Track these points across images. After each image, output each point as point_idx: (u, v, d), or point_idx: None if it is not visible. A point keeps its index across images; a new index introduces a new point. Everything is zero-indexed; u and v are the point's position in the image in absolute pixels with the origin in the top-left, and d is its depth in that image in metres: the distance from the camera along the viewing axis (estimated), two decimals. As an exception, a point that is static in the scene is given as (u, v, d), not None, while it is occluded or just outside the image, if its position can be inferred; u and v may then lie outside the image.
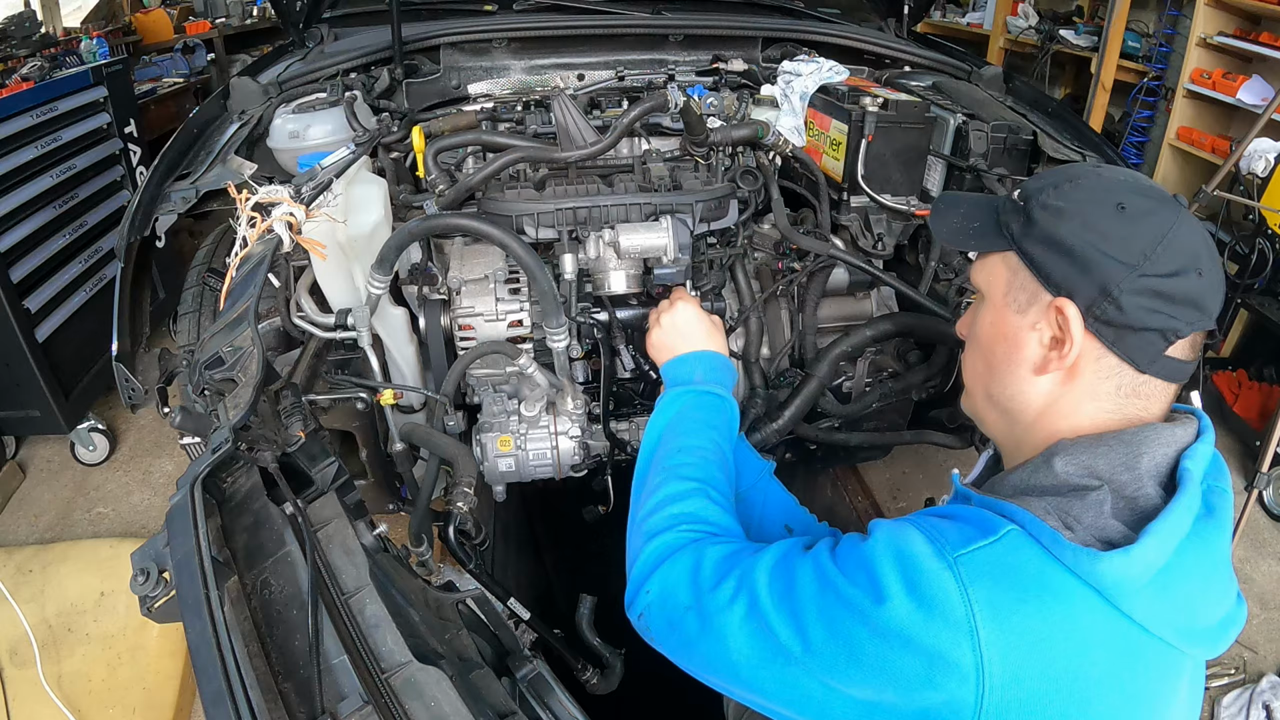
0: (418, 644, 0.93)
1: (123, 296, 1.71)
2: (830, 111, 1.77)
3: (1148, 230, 0.78)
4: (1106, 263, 0.78)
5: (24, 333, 2.69)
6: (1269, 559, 2.73)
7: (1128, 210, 0.80)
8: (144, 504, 2.89)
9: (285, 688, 0.83)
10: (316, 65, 2.16)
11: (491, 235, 1.37)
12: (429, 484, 1.42)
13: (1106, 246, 0.79)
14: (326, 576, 0.95)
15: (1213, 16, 3.59)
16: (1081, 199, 0.82)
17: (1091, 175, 0.85)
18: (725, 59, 2.26)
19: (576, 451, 1.56)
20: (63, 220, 2.97)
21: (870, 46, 2.39)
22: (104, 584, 2.21)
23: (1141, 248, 0.78)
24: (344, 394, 1.54)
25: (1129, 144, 4.24)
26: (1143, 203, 0.80)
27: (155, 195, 1.68)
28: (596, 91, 2.14)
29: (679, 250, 1.44)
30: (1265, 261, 2.88)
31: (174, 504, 0.91)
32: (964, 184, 1.78)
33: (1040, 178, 0.87)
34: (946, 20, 5.79)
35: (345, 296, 1.53)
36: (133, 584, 0.89)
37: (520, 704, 1.11)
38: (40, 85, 2.99)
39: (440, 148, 1.60)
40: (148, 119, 4.01)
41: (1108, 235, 0.79)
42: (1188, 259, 0.78)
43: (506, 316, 1.56)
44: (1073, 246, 0.80)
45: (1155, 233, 0.78)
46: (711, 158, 1.68)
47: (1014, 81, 2.30)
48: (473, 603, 1.25)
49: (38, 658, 2.06)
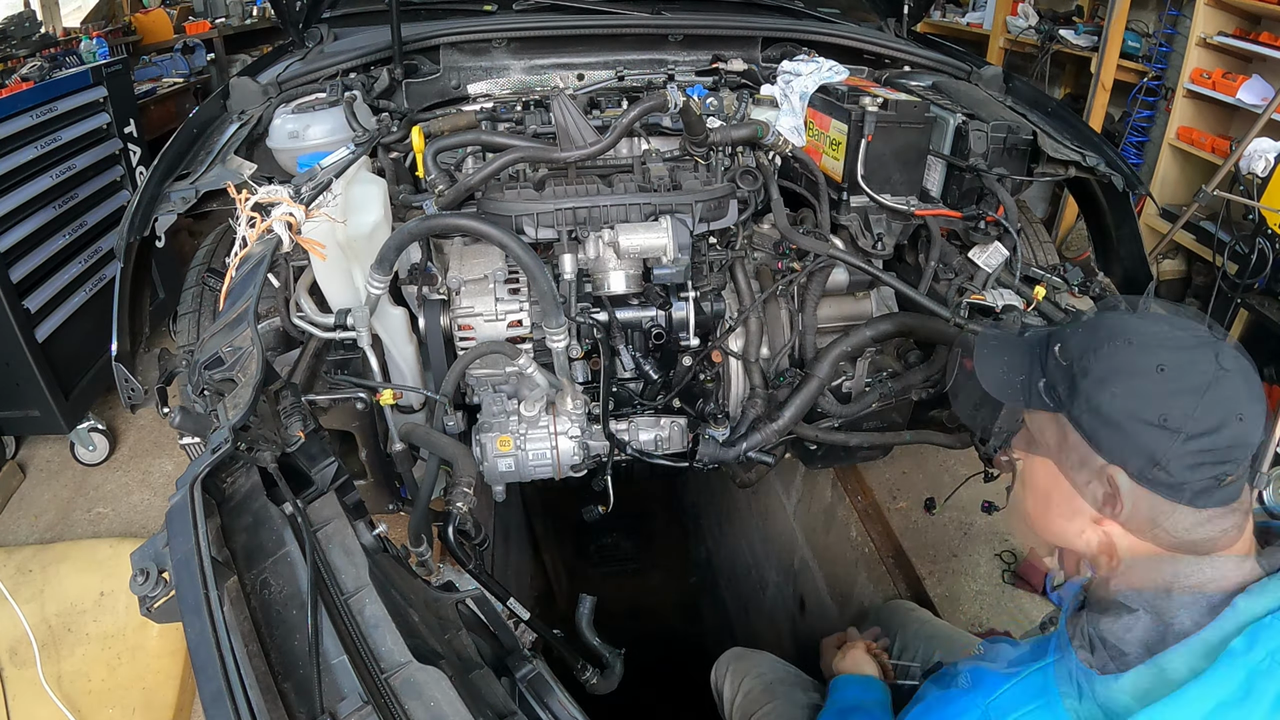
0: (417, 644, 0.93)
1: (122, 296, 1.71)
2: (830, 111, 1.77)
3: (1188, 389, 0.81)
4: (1151, 432, 0.81)
5: (24, 333, 2.69)
6: (1269, 559, 2.73)
7: (1167, 371, 0.82)
8: (144, 504, 2.89)
9: (285, 687, 0.83)
10: (316, 65, 2.16)
11: (491, 235, 1.37)
12: (428, 484, 1.42)
13: (1151, 415, 0.81)
14: (326, 576, 0.95)
15: (1212, 16, 3.59)
16: (1121, 364, 0.85)
17: (1130, 331, 0.87)
18: (725, 59, 2.26)
19: (576, 451, 1.56)
20: (62, 220, 2.97)
21: (870, 46, 2.39)
22: (104, 584, 2.21)
23: (1184, 410, 0.80)
24: (343, 394, 1.54)
25: (1129, 144, 4.24)
26: (1180, 358, 0.83)
27: (155, 195, 1.68)
28: (596, 91, 2.14)
29: (679, 250, 1.44)
30: (1265, 261, 2.88)
31: (173, 504, 0.91)
32: (963, 183, 1.78)
33: (1080, 333, 0.90)
34: (946, 20, 5.79)
35: (345, 296, 1.53)
36: (132, 584, 0.89)
37: (520, 704, 1.11)
38: (40, 85, 2.99)
39: (440, 148, 1.60)
40: (147, 119, 4.01)
41: (1150, 403, 0.82)
42: (1228, 409, 0.81)
43: (506, 316, 1.56)
44: (1119, 419, 0.83)
45: (1195, 391, 0.81)
46: (711, 158, 1.69)
47: (1014, 81, 2.30)
48: (472, 603, 1.25)
49: (37, 657, 2.06)
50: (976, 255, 1.68)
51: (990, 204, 1.72)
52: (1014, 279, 1.68)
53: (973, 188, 1.77)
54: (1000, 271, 1.67)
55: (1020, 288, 1.66)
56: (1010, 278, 1.68)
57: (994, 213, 1.68)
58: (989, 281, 1.66)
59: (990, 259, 1.67)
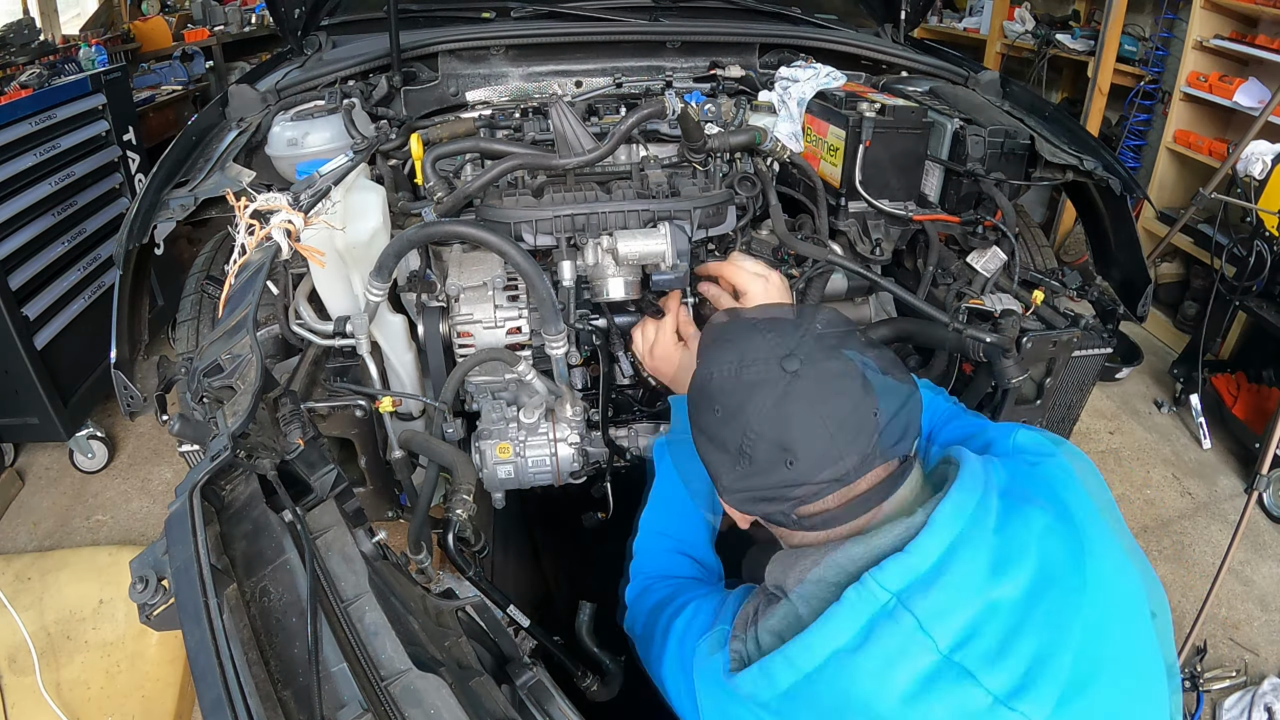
0: (417, 651, 0.93)
1: (121, 304, 1.71)
2: (827, 117, 1.78)
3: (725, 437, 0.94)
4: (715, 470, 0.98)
5: (22, 340, 2.69)
6: (1269, 561, 2.73)
7: (721, 413, 0.95)
8: (143, 511, 2.89)
9: (284, 695, 0.83)
10: (315, 73, 2.16)
11: (490, 242, 1.37)
12: (428, 491, 1.42)
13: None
14: (325, 584, 0.95)
15: (1209, 19, 3.60)
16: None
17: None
18: (723, 65, 2.26)
19: (575, 458, 1.56)
20: (61, 227, 2.97)
21: (867, 52, 2.39)
22: (103, 591, 2.21)
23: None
24: (342, 401, 1.54)
25: (1126, 147, 4.25)
26: (730, 400, 0.94)
27: (154, 202, 1.68)
28: (594, 98, 2.14)
29: (677, 256, 1.44)
30: (1263, 264, 2.88)
31: (173, 511, 0.91)
32: (961, 188, 1.78)
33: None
34: (943, 25, 5.81)
35: (344, 304, 1.53)
36: (131, 591, 0.89)
37: (520, 711, 1.11)
38: (39, 92, 3.00)
39: (438, 155, 1.61)
40: (146, 126, 4.02)
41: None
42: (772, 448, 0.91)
43: (505, 323, 1.56)
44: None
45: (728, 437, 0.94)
46: (709, 164, 1.69)
47: (1011, 86, 2.31)
48: (472, 610, 1.24)
49: (36, 665, 2.05)
50: (975, 260, 1.69)
51: (988, 209, 1.72)
52: (1012, 283, 1.68)
53: (971, 193, 1.78)
54: (998, 276, 1.67)
55: (1018, 292, 1.66)
56: (1008, 282, 1.68)
57: (992, 217, 1.68)
58: (987, 286, 1.66)
59: (988, 264, 1.67)
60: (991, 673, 0.80)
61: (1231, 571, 2.59)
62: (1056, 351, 1.58)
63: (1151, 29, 4.15)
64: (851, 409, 0.88)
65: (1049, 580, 0.86)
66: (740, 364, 0.94)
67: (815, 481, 0.88)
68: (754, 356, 0.94)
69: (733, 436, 0.91)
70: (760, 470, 0.90)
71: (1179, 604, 2.56)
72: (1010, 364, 1.50)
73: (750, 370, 0.93)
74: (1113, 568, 0.91)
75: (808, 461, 0.88)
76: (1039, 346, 1.55)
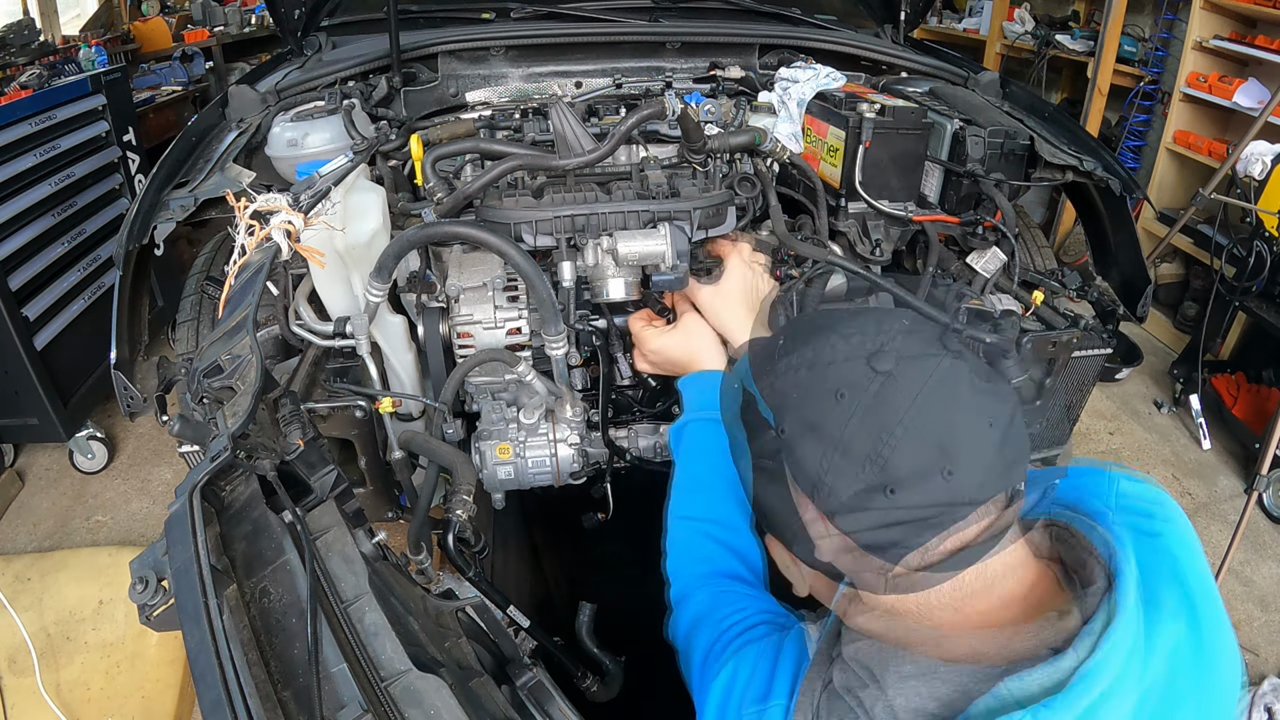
0: (417, 652, 0.93)
1: (121, 304, 1.71)
2: (827, 118, 1.78)
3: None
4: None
5: (22, 340, 2.69)
6: (1269, 561, 2.73)
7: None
8: (142, 512, 2.89)
9: (284, 696, 0.83)
10: (315, 73, 2.16)
11: (490, 243, 1.37)
12: (428, 492, 1.41)
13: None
14: (325, 584, 0.95)
15: (1208, 20, 3.61)
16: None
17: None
18: (722, 66, 2.26)
19: (575, 459, 1.56)
20: (61, 228, 2.98)
21: (867, 53, 2.40)
22: (102, 592, 2.21)
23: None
24: (342, 402, 1.54)
25: (1126, 148, 4.25)
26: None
27: (154, 203, 1.68)
28: (594, 99, 2.14)
29: (677, 257, 1.44)
30: (1262, 264, 2.89)
31: (173, 512, 0.91)
32: (961, 189, 1.78)
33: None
34: (943, 26, 5.81)
35: (344, 304, 1.54)
36: (131, 592, 0.89)
37: (520, 712, 1.11)
38: (39, 93, 3.00)
39: (438, 155, 1.61)
40: (146, 127, 4.02)
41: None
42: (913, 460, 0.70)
43: (505, 324, 1.56)
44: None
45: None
46: (709, 164, 1.69)
47: (1011, 86, 2.31)
48: (472, 610, 1.25)
49: (36, 666, 2.05)
50: (974, 260, 1.69)
51: (988, 209, 1.72)
52: (1012, 284, 1.68)
53: (970, 193, 1.78)
54: (998, 277, 1.68)
55: (1018, 293, 1.67)
56: (1008, 283, 1.68)
57: (992, 218, 1.68)
58: (987, 287, 1.66)
59: (988, 264, 1.67)
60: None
61: (1231, 572, 2.59)
62: (1056, 352, 1.58)
63: (1151, 29, 4.16)
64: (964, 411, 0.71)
65: (1161, 685, 0.70)
66: (875, 343, 0.74)
67: (978, 500, 0.69)
68: (893, 334, 0.75)
69: (868, 434, 0.69)
70: (907, 482, 0.68)
71: (1179, 604, 2.56)
72: (1010, 365, 1.49)
73: (887, 355, 0.72)
74: (1228, 662, 0.76)
75: (969, 472, 0.68)
76: (1039, 347, 1.55)
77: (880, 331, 0.75)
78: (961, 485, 0.68)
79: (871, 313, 0.80)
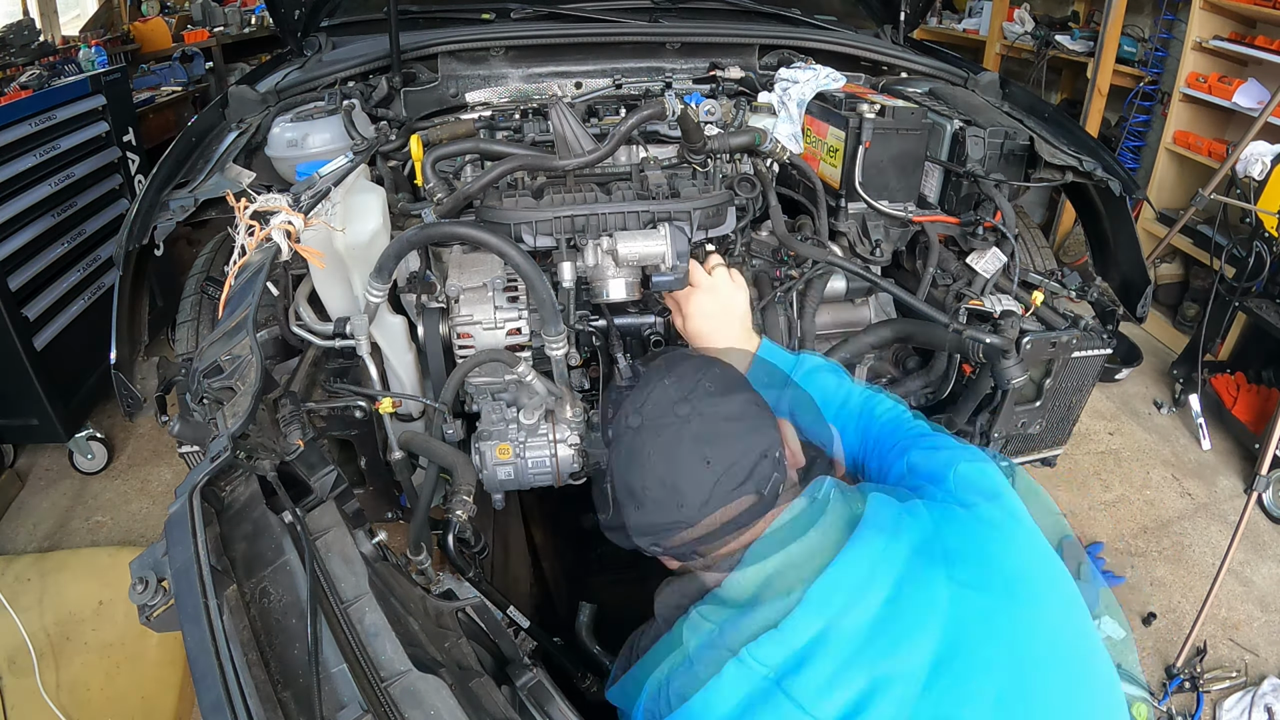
0: (417, 652, 0.93)
1: (121, 305, 1.70)
2: (827, 118, 1.78)
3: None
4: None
5: (22, 341, 2.69)
6: (1269, 561, 2.73)
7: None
8: (142, 512, 2.89)
9: (284, 696, 0.83)
10: (315, 74, 2.16)
11: (490, 243, 1.37)
12: (428, 492, 1.42)
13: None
14: (325, 585, 0.95)
15: (1208, 20, 3.61)
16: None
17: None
18: (722, 66, 2.26)
19: (575, 459, 1.56)
20: (61, 228, 2.98)
21: (867, 53, 2.40)
22: (102, 592, 2.21)
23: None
24: (342, 402, 1.54)
25: (1125, 148, 4.25)
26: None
27: (154, 203, 1.68)
28: (594, 99, 2.14)
29: (677, 258, 1.44)
30: (1262, 264, 2.89)
31: (172, 512, 0.91)
32: (961, 189, 1.78)
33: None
34: (943, 26, 5.81)
35: (344, 305, 1.54)
36: (131, 593, 0.89)
37: (520, 712, 1.11)
38: (39, 93, 3.00)
39: (438, 156, 1.61)
40: (146, 127, 4.02)
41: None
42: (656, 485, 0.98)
43: (505, 324, 1.56)
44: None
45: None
46: (709, 165, 1.69)
47: (1010, 87, 2.31)
48: (472, 611, 1.25)
49: (36, 666, 2.05)
50: (974, 261, 1.69)
51: (988, 210, 1.73)
52: (1012, 284, 1.68)
53: (970, 194, 1.78)
54: (998, 277, 1.68)
55: (1018, 293, 1.67)
56: (1008, 283, 1.68)
57: (991, 218, 1.69)
58: (987, 287, 1.66)
59: (988, 265, 1.67)
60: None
61: (1231, 572, 2.59)
62: (1056, 352, 1.59)
63: (1151, 30, 4.15)
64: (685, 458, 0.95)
65: (950, 655, 0.81)
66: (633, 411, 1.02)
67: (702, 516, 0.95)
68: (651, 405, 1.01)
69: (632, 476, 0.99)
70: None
71: (1179, 604, 2.56)
72: (1010, 365, 1.50)
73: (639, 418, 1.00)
74: (1047, 636, 0.86)
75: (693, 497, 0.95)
76: (1039, 347, 1.55)
77: (641, 399, 1.01)
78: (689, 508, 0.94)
79: (654, 380, 1.04)
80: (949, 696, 0.79)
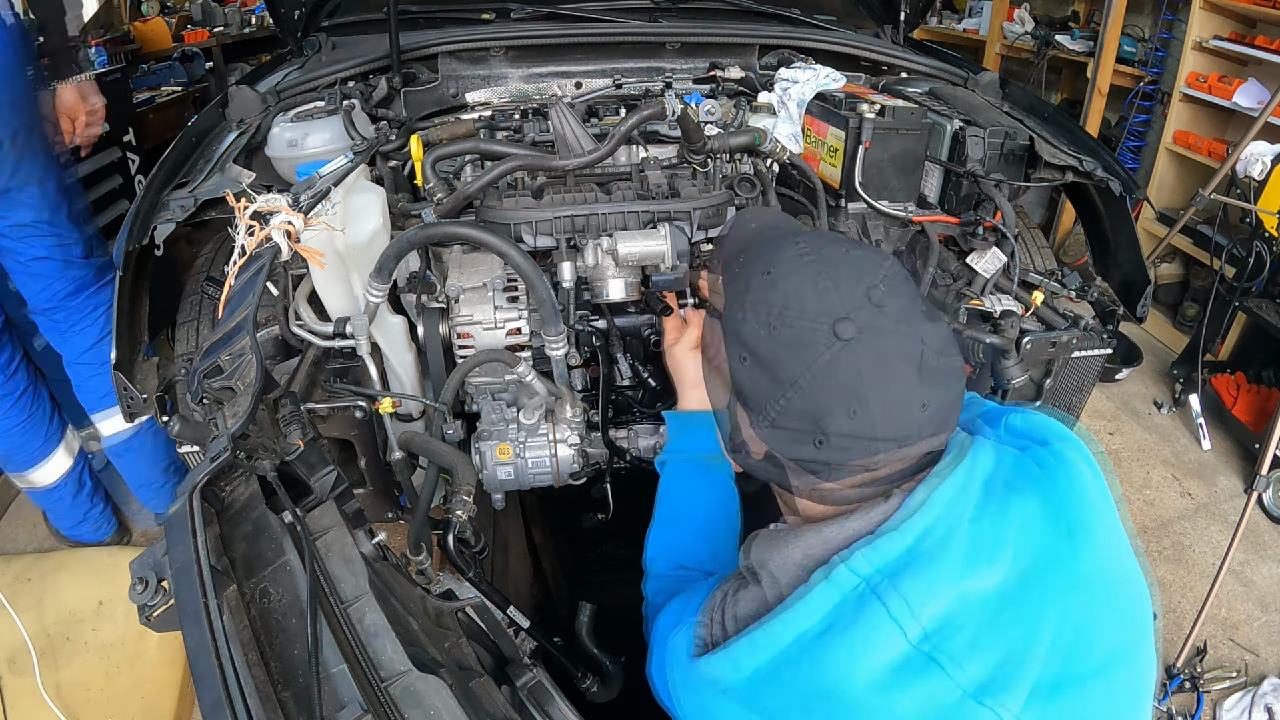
0: (417, 652, 0.93)
1: (120, 305, 1.70)
2: (827, 118, 1.78)
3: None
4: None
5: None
6: (1269, 561, 2.73)
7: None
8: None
9: (284, 696, 0.83)
10: (314, 74, 2.16)
11: (490, 243, 1.38)
12: (428, 492, 1.42)
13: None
14: (325, 585, 0.95)
15: (1208, 20, 3.61)
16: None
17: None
18: (722, 66, 2.26)
19: (575, 459, 1.56)
20: (61, 229, 2.96)
21: (867, 53, 2.40)
22: (102, 592, 2.20)
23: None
24: (342, 402, 1.54)
25: (1126, 148, 4.25)
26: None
27: (153, 204, 1.68)
28: (594, 99, 2.14)
29: (677, 258, 1.44)
30: (1262, 264, 2.89)
31: (172, 513, 0.91)
32: (961, 189, 1.78)
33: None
34: (943, 26, 5.81)
35: (344, 305, 1.54)
36: (131, 593, 0.89)
37: (520, 712, 1.11)
38: (39, 94, 2.98)
39: (438, 156, 1.61)
40: (146, 127, 4.01)
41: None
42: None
43: (505, 324, 1.56)
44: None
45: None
46: (709, 165, 1.69)
47: (1010, 87, 2.31)
48: (472, 611, 1.25)
49: (36, 666, 2.05)
50: (974, 261, 1.69)
51: (988, 209, 1.73)
52: (1012, 284, 1.68)
53: (970, 193, 1.78)
54: (998, 277, 1.68)
55: (1018, 293, 1.67)
56: (1008, 283, 1.68)
57: (991, 218, 1.69)
58: (987, 287, 1.66)
59: (988, 264, 1.67)
60: (962, 666, 0.77)
61: (1231, 572, 2.59)
62: (1056, 352, 1.59)
63: (1151, 30, 4.15)
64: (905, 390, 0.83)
65: (1030, 574, 0.82)
66: (822, 283, 0.85)
67: (874, 437, 0.82)
68: (840, 282, 0.85)
69: (792, 365, 0.83)
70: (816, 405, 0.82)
71: (1179, 604, 2.56)
72: (1010, 365, 1.50)
73: (831, 297, 0.84)
74: (1113, 565, 0.88)
75: (874, 415, 0.81)
76: (1039, 347, 1.55)
77: (858, 283, 0.85)
78: (879, 431, 0.82)
79: (851, 259, 0.89)
80: (1024, 617, 0.81)
